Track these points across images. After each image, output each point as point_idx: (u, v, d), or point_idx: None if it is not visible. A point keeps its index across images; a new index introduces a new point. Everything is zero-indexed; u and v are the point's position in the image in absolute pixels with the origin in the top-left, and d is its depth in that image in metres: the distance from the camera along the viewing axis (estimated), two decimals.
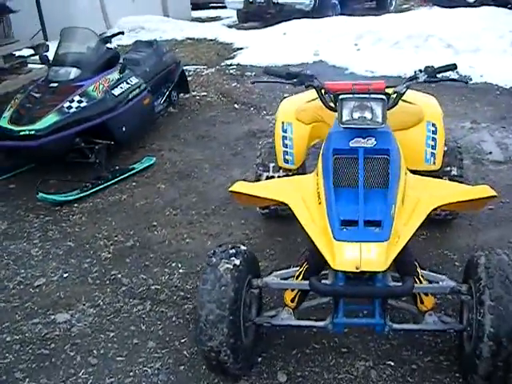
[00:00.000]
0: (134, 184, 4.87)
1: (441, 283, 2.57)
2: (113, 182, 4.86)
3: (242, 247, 2.63)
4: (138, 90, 5.44)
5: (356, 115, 2.53)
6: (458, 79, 2.85)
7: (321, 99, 2.85)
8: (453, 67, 2.87)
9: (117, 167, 5.14)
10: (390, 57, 7.86)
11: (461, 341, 2.54)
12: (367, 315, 2.55)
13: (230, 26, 11.80)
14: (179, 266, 3.65)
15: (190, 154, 5.41)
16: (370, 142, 2.54)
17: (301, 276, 2.59)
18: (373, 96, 2.50)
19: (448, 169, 3.65)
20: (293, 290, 2.65)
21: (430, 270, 2.81)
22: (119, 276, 3.61)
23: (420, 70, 2.80)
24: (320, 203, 2.50)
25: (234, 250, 2.57)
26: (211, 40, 10.51)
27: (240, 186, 2.87)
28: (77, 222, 4.31)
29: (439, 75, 2.86)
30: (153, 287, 3.46)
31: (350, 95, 2.51)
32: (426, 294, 2.56)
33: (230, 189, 2.89)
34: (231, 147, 5.50)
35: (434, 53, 7.71)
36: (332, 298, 2.52)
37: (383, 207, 2.38)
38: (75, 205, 4.58)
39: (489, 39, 7.97)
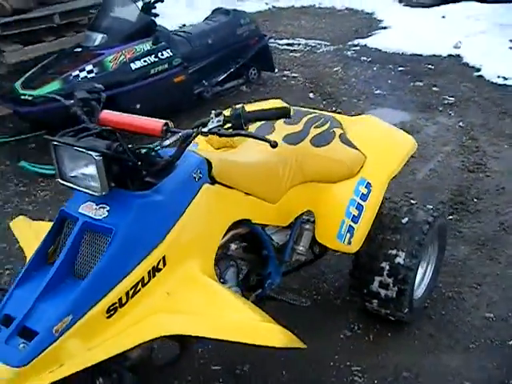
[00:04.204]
0: None
1: None
2: None
3: None
4: (166, 66, 4.90)
5: (73, 172, 1.72)
6: (262, 138, 1.77)
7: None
8: (280, 115, 1.84)
9: None
10: None
11: None
12: None
13: (401, 0, 10.31)
14: None
15: None
16: (100, 213, 1.73)
17: None
18: (89, 149, 1.64)
19: (393, 252, 2.49)
20: None
21: None
22: None
23: (218, 113, 1.81)
24: None
25: None
26: (367, 13, 9.32)
27: (17, 224, 2.26)
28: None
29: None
30: None
31: (62, 143, 1.69)
32: None
33: (11, 223, 2.31)
34: None
35: None
36: None
37: (54, 312, 1.58)
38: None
39: None
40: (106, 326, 1.66)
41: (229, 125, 1.82)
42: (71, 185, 1.74)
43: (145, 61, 4.77)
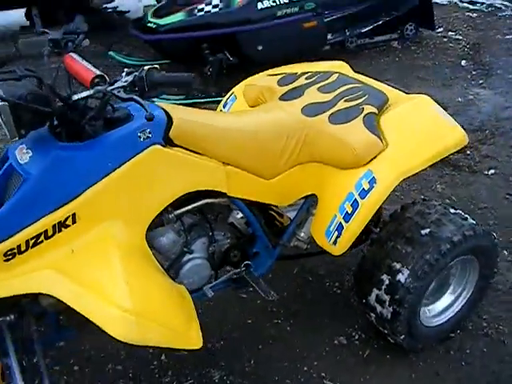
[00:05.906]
0: None
1: None
2: (196, 101, 4.38)
3: None
4: (297, 9, 4.61)
5: None
6: (146, 107, 1.52)
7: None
8: (182, 84, 1.56)
9: None
10: None
11: None
12: None
13: None
14: None
15: None
16: (24, 158, 1.68)
17: None
18: None
19: (397, 266, 2.07)
20: None
21: None
22: None
23: (129, 73, 1.60)
24: None
25: None
26: None
27: None
28: None
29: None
30: None
31: None
32: None
33: None
34: None
35: None
36: None
37: None
38: None
39: None
40: (3, 269, 1.63)
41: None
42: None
43: (274, 1, 4.53)
